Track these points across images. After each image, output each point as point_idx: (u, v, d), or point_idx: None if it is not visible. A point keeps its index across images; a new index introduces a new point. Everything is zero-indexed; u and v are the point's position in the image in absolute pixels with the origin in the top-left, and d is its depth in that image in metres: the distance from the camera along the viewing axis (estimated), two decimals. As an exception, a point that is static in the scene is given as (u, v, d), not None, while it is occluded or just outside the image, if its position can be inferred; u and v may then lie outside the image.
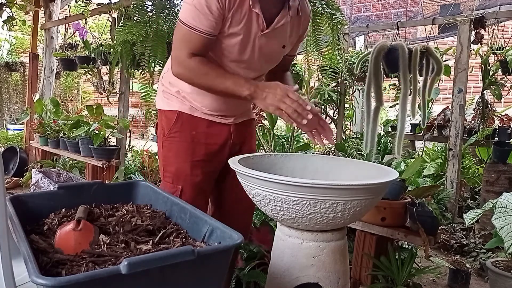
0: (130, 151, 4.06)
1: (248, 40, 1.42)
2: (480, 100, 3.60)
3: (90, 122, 3.53)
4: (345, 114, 4.18)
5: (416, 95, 2.43)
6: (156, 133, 1.75)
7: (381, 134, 4.10)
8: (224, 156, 1.59)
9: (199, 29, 1.33)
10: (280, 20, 1.42)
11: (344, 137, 4.04)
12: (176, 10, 2.94)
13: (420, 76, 2.55)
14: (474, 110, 3.71)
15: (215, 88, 1.39)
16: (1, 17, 4.77)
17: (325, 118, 3.97)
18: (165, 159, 1.60)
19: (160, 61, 2.95)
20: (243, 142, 1.66)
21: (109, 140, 3.56)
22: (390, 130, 4.32)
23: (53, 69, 5.00)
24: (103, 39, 4.01)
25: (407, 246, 2.32)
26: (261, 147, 3.14)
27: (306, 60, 2.42)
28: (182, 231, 1.06)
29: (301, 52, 3.05)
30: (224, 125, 1.59)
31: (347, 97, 4.01)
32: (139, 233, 1.03)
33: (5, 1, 4.60)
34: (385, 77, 3.03)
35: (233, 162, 1.35)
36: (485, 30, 3.21)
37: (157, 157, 2.82)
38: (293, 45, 1.60)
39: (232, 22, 1.37)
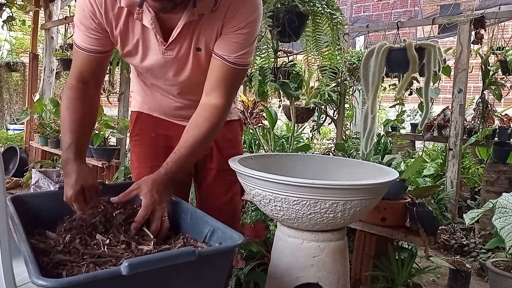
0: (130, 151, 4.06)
1: (147, 56, 1.27)
2: (480, 100, 3.60)
3: (90, 122, 3.53)
4: (345, 114, 4.18)
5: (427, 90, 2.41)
6: None
7: (381, 134, 4.10)
8: None
9: (82, 47, 1.24)
10: (180, 26, 1.19)
11: (344, 137, 4.04)
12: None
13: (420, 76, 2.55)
14: (474, 110, 3.72)
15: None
16: (1, 17, 4.77)
17: (325, 118, 3.98)
18: (130, 163, 1.55)
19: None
20: (214, 147, 1.50)
21: (109, 140, 3.57)
22: (390, 130, 4.33)
23: (53, 69, 5.00)
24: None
25: (407, 246, 2.32)
26: (261, 147, 3.14)
27: (306, 60, 2.42)
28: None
29: (301, 52, 3.05)
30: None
31: (347, 97, 4.01)
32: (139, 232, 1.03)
33: (5, 1, 4.60)
34: (385, 77, 3.03)
35: (233, 162, 1.35)
36: (485, 30, 3.21)
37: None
38: (215, 42, 1.25)
39: (124, 39, 1.24)
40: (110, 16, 1.20)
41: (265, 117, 3.10)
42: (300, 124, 3.82)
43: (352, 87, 4.21)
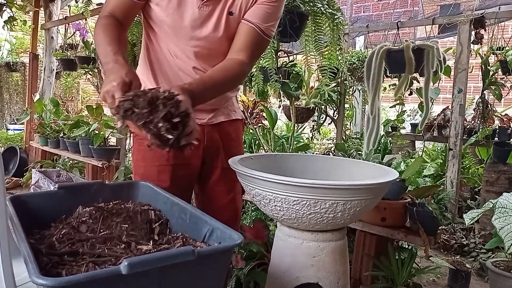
0: (130, 151, 4.06)
1: (184, 9, 1.31)
2: (480, 100, 3.60)
3: (90, 122, 3.53)
4: (345, 114, 4.18)
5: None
6: None
7: (381, 134, 4.10)
8: (197, 160, 1.49)
9: None
10: None
11: (344, 137, 4.04)
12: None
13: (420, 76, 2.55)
14: (474, 110, 3.72)
15: (98, 52, 1.29)
16: (1, 17, 4.77)
17: (325, 118, 3.98)
18: (134, 162, 1.54)
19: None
20: (220, 145, 1.52)
21: (109, 140, 3.57)
22: (390, 130, 4.33)
23: (53, 69, 5.01)
24: (103, 39, 4.00)
25: (407, 246, 2.32)
26: (261, 147, 3.14)
27: (305, 60, 2.42)
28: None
29: (301, 52, 3.04)
30: (197, 125, 1.51)
31: (347, 97, 4.01)
32: (140, 230, 1.03)
33: (5, 1, 4.60)
34: (384, 77, 3.03)
35: (233, 162, 1.35)
36: (485, 30, 3.21)
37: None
38: (246, 9, 1.35)
39: None
40: None
41: (265, 117, 3.10)
42: (300, 124, 3.82)
43: (352, 87, 4.21)
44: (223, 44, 1.38)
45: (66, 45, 4.66)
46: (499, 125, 3.83)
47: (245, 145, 3.33)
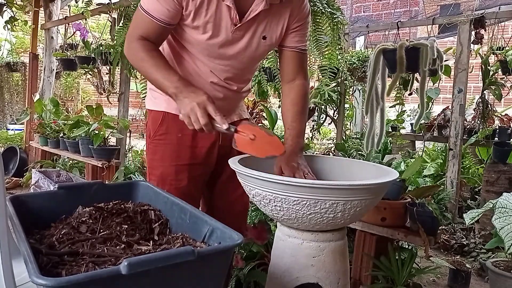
0: (130, 151, 4.07)
1: (218, 34, 1.35)
2: (480, 100, 3.60)
3: (90, 122, 3.54)
4: (345, 114, 4.18)
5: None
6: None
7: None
8: (212, 159, 1.54)
9: (152, 15, 1.30)
10: (255, 9, 1.32)
11: (344, 137, 4.04)
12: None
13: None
14: (474, 110, 3.72)
15: (148, 76, 1.35)
16: (1, 17, 4.77)
17: (325, 118, 3.98)
18: (151, 162, 1.56)
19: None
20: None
21: (109, 140, 3.57)
22: (390, 130, 4.32)
23: (53, 69, 5.01)
24: (103, 39, 4.01)
25: (407, 246, 2.32)
26: (261, 147, 3.14)
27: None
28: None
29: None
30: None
31: (347, 97, 4.01)
32: (141, 231, 1.03)
33: (5, 1, 4.60)
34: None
35: (233, 162, 1.35)
36: (485, 30, 3.21)
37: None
38: (282, 36, 1.44)
39: (197, 14, 1.31)
40: None
41: (265, 117, 3.10)
42: (300, 124, 3.80)
43: (352, 87, 4.20)
44: (250, 64, 1.48)
45: (66, 45, 4.66)
46: (499, 125, 3.83)
47: (245, 145, 3.32)
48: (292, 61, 1.48)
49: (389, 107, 4.41)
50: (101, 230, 1.01)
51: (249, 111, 3.16)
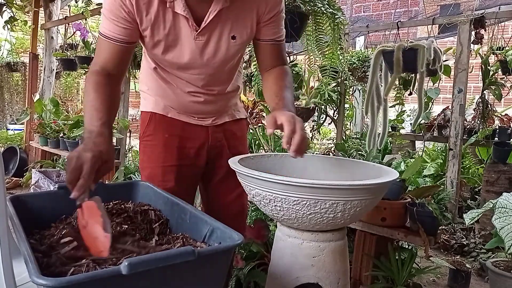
0: (130, 151, 4.07)
1: (182, 45, 1.29)
2: (480, 100, 3.60)
3: (90, 122, 3.53)
4: (345, 114, 4.18)
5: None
6: None
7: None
8: (202, 161, 1.51)
9: (109, 36, 1.24)
10: (214, 10, 1.24)
11: (344, 137, 4.04)
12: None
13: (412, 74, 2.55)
14: (474, 110, 3.72)
15: (84, 111, 1.23)
16: (1, 17, 4.77)
17: (325, 118, 3.98)
18: (140, 163, 1.55)
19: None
20: (225, 145, 1.54)
21: (109, 140, 3.56)
22: (390, 130, 4.33)
23: (53, 69, 5.01)
24: (103, 39, 4.00)
25: (407, 246, 2.33)
26: (261, 147, 3.14)
27: (308, 60, 2.42)
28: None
29: (302, 52, 3.04)
30: (201, 127, 1.50)
31: (347, 97, 4.01)
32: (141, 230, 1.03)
33: (5, 1, 4.60)
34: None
35: (233, 162, 1.35)
36: (485, 30, 3.21)
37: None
38: (254, 30, 1.35)
39: (154, 28, 1.26)
40: (141, 5, 1.21)
41: (265, 117, 3.10)
42: (300, 124, 3.81)
43: (352, 87, 4.20)
44: (225, 66, 1.39)
45: (66, 45, 4.66)
46: (499, 125, 3.83)
47: (245, 145, 3.33)
48: (270, 52, 1.41)
49: (389, 107, 4.42)
50: (101, 230, 1.01)
51: (249, 111, 3.16)
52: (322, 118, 3.95)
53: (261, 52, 1.42)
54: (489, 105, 3.62)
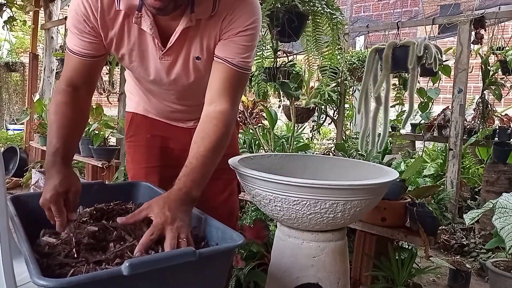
0: (130, 151, 4.06)
1: (146, 62, 1.24)
2: (480, 100, 3.60)
3: (90, 122, 3.53)
4: (345, 114, 4.18)
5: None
6: None
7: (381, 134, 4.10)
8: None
9: (75, 51, 1.21)
10: (178, 31, 1.17)
11: (344, 137, 4.04)
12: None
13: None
14: (474, 110, 3.72)
15: (48, 130, 1.20)
16: (1, 17, 4.77)
17: (325, 118, 3.98)
18: (126, 164, 1.54)
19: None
20: None
21: (109, 140, 3.57)
22: (390, 130, 4.33)
23: (53, 69, 5.00)
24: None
25: (407, 246, 2.32)
26: (261, 147, 3.14)
27: (307, 60, 2.42)
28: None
29: (302, 52, 3.04)
30: (183, 128, 1.47)
31: (347, 97, 4.01)
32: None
33: (5, 1, 4.60)
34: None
35: (233, 162, 1.35)
36: (485, 30, 3.21)
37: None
38: (221, 47, 1.21)
39: (119, 42, 1.21)
40: (106, 20, 1.16)
41: (265, 117, 3.10)
42: (300, 124, 3.82)
43: (352, 87, 4.21)
44: (201, 83, 1.27)
45: (66, 45, 4.65)
46: (499, 125, 3.83)
47: (245, 145, 3.33)
48: (219, 74, 1.19)
49: (389, 107, 4.42)
50: (102, 231, 1.01)
51: (248, 111, 3.16)
52: (322, 118, 3.95)
53: (212, 70, 1.22)
54: (489, 105, 3.62)
